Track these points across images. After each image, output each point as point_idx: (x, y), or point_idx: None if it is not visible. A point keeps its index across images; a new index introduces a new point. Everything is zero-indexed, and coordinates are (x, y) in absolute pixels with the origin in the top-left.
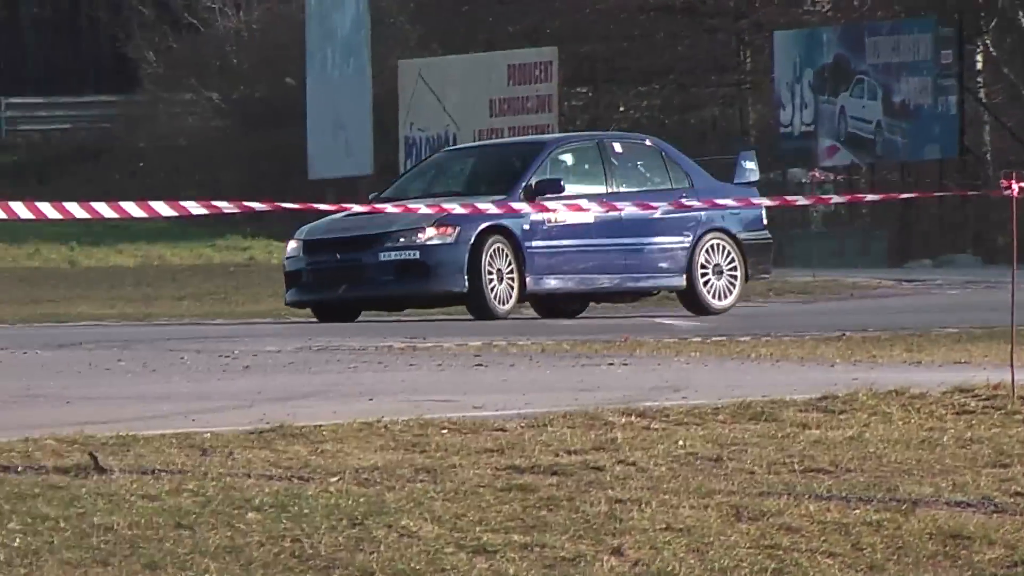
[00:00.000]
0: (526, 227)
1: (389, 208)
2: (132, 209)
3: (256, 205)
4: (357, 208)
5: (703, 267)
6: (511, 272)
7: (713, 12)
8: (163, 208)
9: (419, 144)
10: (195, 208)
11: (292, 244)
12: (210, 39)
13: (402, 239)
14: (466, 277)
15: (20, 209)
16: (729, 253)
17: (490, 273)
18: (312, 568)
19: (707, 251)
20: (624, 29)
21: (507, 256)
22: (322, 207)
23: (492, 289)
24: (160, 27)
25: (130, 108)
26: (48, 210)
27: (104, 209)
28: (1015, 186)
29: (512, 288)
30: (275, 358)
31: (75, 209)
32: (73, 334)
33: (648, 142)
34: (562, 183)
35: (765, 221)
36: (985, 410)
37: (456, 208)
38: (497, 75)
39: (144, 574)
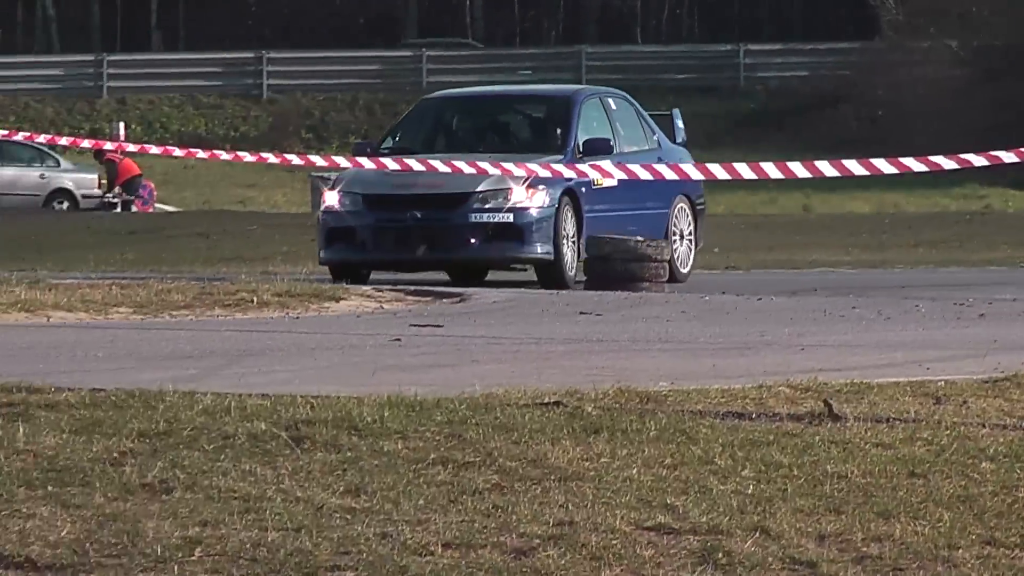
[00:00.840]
0: (583, 190)
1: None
2: (824, 168)
3: (974, 159)
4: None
5: (674, 233)
6: (575, 238)
7: None
8: (884, 165)
9: None
10: (916, 165)
11: (338, 198)
12: None
13: (491, 200)
14: (552, 242)
15: (717, 171)
16: (688, 219)
17: (563, 238)
18: None
19: (675, 217)
20: None
21: (573, 221)
22: None
23: (565, 256)
24: None
25: (868, 55)
26: (744, 171)
27: (799, 169)
28: None
29: (576, 255)
30: (1011, 306)
31: (771, 170)
32: (807, 280)
33: (625, 98)
34: (611, 143)
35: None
36: None
37: (538, 169)
38: None
39: (876, 522)
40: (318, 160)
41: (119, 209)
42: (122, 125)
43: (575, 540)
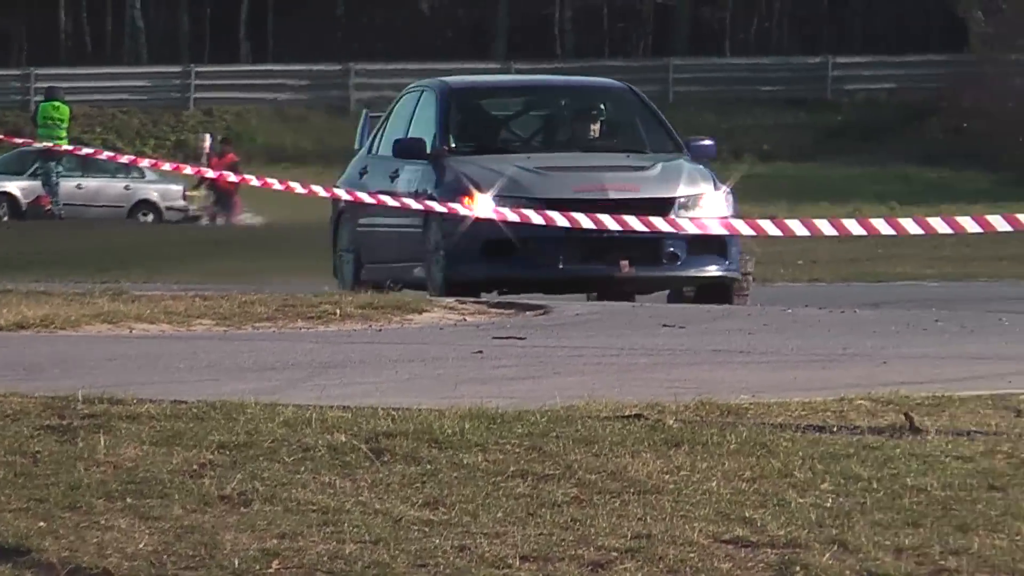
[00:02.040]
0: None
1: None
2: (910, 226)
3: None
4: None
5: None
6: None
7: None
8: (940, 225)
9: None
10: (1000, 224)
11: (495, 204)
12: None
13: (691, 208)
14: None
15: (796, 227)
16: None
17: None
18: None
19: None
20: None
21: None
22: None
23: None
24: None
25: (957, 68)
26: (825, 227)
27: (882, 227)
28: None
29: None
30: None
31: (853, 226)
32: (891, 293)
33: None
34: (714, 146)
35: None
36: None
37: (700, 170)
38: None
39: (955, 536)
40: None
41: (205, 221)
42: (208, 136)
43: (652, 553)
